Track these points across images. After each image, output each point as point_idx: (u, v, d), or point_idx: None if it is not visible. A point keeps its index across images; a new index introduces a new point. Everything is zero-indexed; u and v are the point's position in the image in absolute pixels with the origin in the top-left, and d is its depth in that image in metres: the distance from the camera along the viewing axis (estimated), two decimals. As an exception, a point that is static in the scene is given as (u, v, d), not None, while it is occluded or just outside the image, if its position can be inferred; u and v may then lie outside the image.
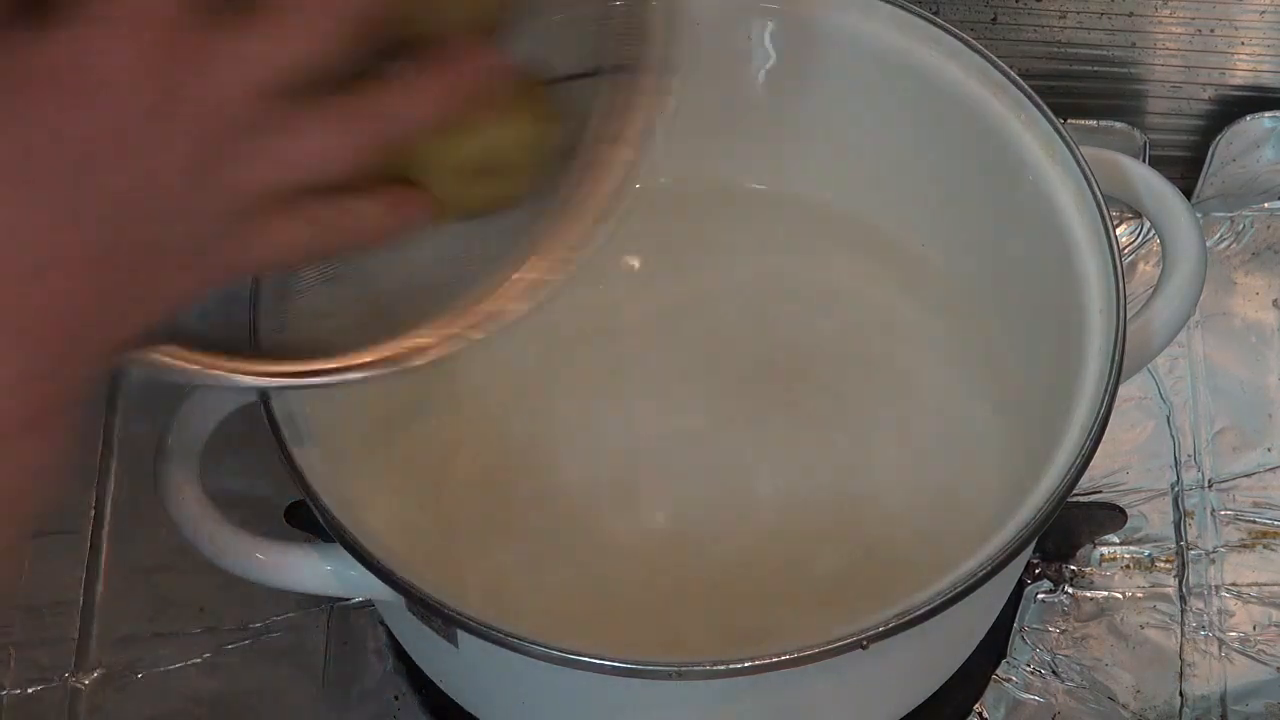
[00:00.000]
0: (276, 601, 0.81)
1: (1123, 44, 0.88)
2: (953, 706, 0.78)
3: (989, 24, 0.87)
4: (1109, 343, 0.66)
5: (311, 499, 0.63)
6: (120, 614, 0.81)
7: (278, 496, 0.82)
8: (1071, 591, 0.81)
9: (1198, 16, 0.86)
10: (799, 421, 0.78)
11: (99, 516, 0.83)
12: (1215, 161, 0.88)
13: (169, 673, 0.80)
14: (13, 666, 0.80)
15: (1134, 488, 0.84)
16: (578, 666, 0.60)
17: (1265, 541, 0.83)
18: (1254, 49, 0.88)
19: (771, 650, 0.60)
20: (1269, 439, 0.85)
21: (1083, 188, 0.69)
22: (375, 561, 0.62)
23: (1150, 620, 0.81)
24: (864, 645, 0.60)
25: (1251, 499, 0.84)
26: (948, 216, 0.79)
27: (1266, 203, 0.90)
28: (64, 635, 0.80)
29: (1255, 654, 0.80)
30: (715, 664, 0.60)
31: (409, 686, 0.79)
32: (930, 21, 0.73)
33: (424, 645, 0.72)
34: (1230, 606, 0.81)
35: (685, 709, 0.67)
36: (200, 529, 0.64)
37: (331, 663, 0.80)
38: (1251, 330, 0.88)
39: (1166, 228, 0.71)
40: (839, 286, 0.81)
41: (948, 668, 0.74)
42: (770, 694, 0.64)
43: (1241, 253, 0.90)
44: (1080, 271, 0.68)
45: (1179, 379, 0.86)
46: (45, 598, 0.81)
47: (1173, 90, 0.90)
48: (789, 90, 0.78)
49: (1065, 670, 0.79)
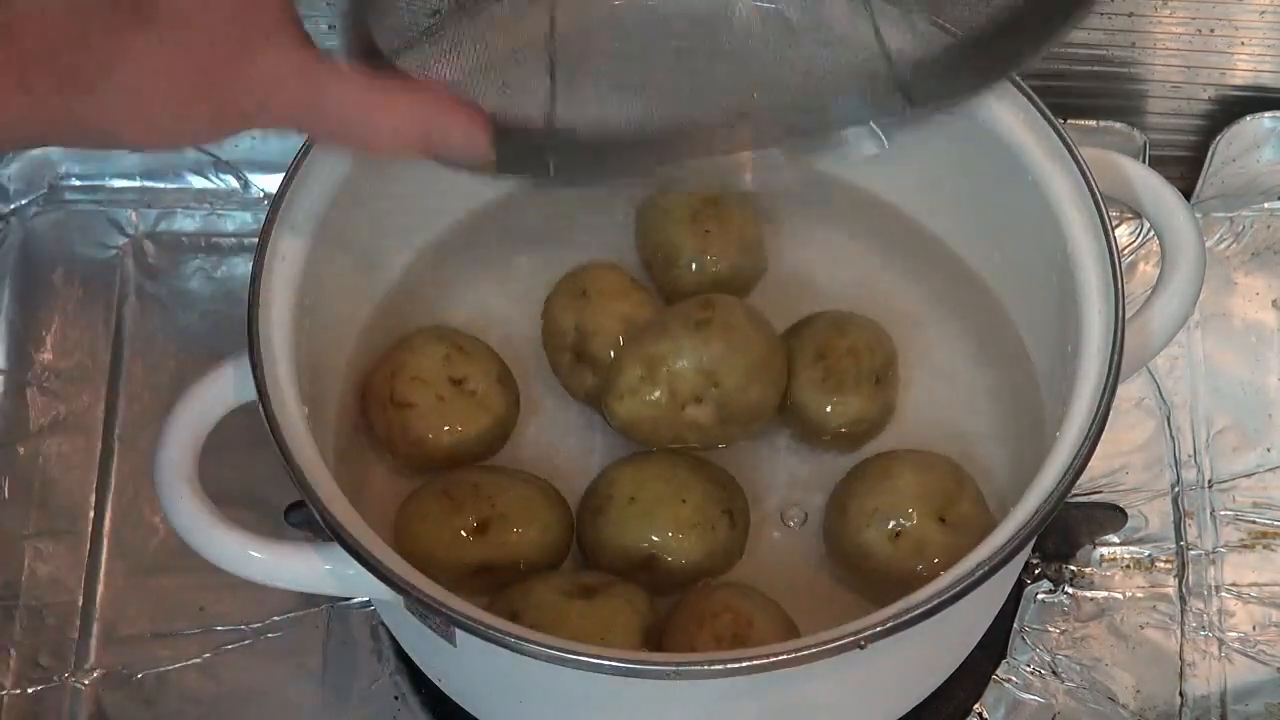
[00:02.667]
0: (276, 601, 0.81)
1: (1123, 44, 0.88)
2: (953, 706, 0.78)
3: (989, 24, 0.87)
4: (1108, 342, 0.66)
5: (311, 499, 0.63)
6: (120, 614, 0.81)
7: (278, 496, 0.82)
8: (1071, 591, 0.81)
9: (1198, 16, 0.86)
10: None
11: (99, 516, 0.83)
12: (1215, 161, 0.88)
13: (169, 673, 0.80)
14: (13, 666, 0.80)
15: (1134, 488, 0.84)
16: (577, 666, 0.60)
17: (1265, 541, 0.83)
18: (1254, 49, 0.88)
19: (770, 650, 0.60)
20: (1269, 439, 0.85)
21: (1083, 188, 0.69)
22: (375, 561, 0.62)
23: (1150, 620, 0.81)
24: (862, 645, 0.60)
25: (1251, 499, 0.84)
26: (946, 216, 0.79)
27: (1266, 203, 0.90)
28: (64, 635, 0.80)
29: (1255, 654, 0.80)
30: (714, 664, 0.60)
31: (409, 686, 0.79)
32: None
33: (424, 645, 0.72)
34: (1230, 606, 0.81)
35: (684, 709, 0.67)
36: (199, 529, 0.64)
37: (331, 663, 0.80)
38: (1251, 330, 0.88)
39: (1166, 228, 0.71)
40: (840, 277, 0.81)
41: (947, 668, 0.73)
42: (769, 694, 0.64)
43: (1241, 253, 0.90)
44: (1079, 271, 0.68)
45: (1179, 379, 0.86)
46: (45, 598, 0.81)
47: (1173, 90, 0.89)
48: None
49: (1065, 670, 0.79)
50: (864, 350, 0.75)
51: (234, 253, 0.90)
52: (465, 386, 0.75)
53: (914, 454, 0.74)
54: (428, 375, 0.74)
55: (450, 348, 0.75)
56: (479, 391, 0.75)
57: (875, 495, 0.72)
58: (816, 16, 0.66)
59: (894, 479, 0.72)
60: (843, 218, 0.82)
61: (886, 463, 0.74)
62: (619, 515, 0.72)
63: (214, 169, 0.92)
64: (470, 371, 0.75)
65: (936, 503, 0.71)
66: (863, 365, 0.75)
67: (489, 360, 0.76)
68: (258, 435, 0.64)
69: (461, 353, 0.75)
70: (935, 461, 0.73)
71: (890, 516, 0.71)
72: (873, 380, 0.75)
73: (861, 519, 0.72)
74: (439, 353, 0.75)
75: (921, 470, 0.73)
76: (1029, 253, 0.72)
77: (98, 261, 0.90)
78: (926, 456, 0.74)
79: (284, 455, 0.64)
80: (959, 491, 0.72)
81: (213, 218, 0.92)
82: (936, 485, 0.72)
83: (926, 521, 0.71)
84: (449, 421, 0.74)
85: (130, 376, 0.86)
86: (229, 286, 0.89)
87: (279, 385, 0.66)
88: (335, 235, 0.71)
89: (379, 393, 0.75)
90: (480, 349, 0.76)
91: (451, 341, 0.76)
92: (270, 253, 0.68)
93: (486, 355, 0.76)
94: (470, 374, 0.75)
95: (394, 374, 0.75)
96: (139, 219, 0.91)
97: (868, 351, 0.75)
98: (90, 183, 0.92)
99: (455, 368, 0.75)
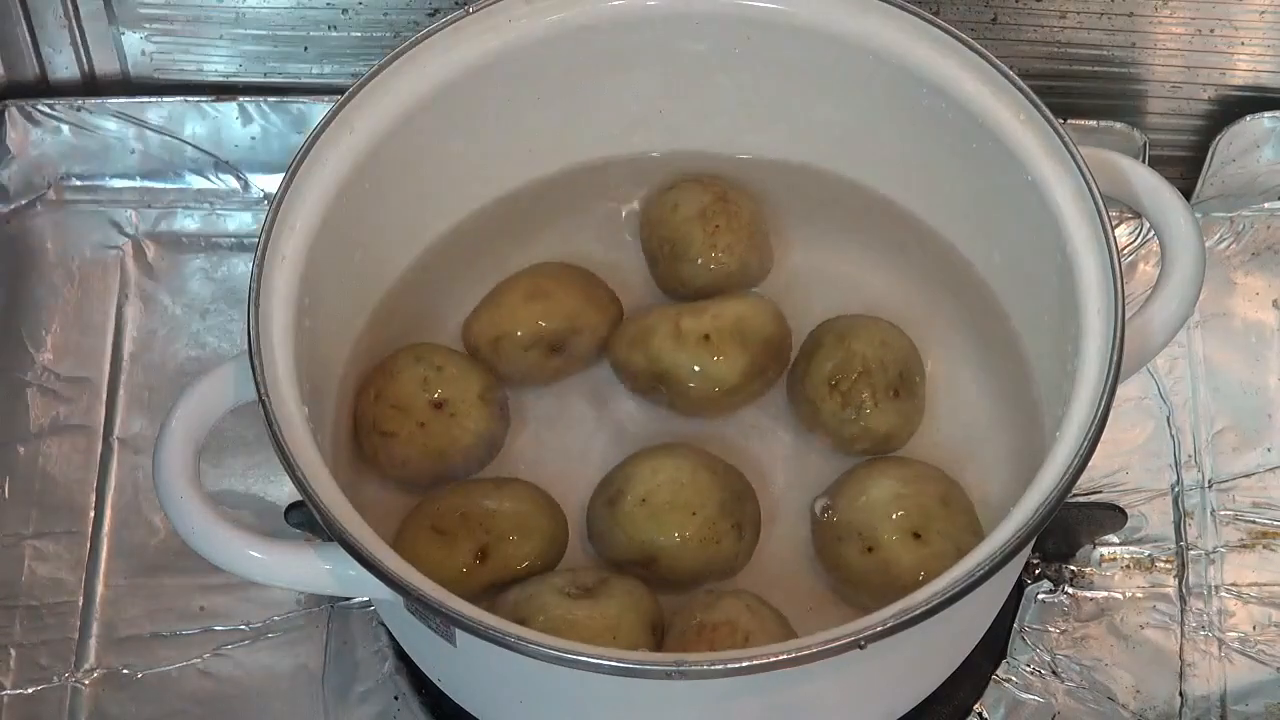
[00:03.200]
0: (276, 601, 0.81)
1: (1123, 44, 0.88)
2: (953, 706, 0.78)
3: (989, 24, 0.87)
4: (1108, 343, 0.66)
5: (311, 499, 0.63)
6: (120, 614, 0.81)
7: (278, 496, 0.82)
8: (1071, 591, 0.81)
9: (1198, 16, 0.86)
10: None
11: (99, 516, 0.83)
12: (1215, 161, 0.88)
13: (169, 673, 0.80)
14: (13, 666, 0.80)
15: (1134, 488, 0.84)
16: (577, 666, 0.60)
17: (1265, 541, 0.83)
18: (1254, 49, 0.88)
19: (770, 650, 0.60)
20: (1269, 439, 0.85)
21: (1082, 188, 0.69)
22: (374, 561, 0.62)
23: (1150, 620, 0.81)
24: (861, 645, 0.60)
25: (1251, 499, 0.84)
26: (946, 216, 0.79)
27: (1266, 203, 0.90)
28: (64, 635, 0.80)
29: (1255, 654, 0.80)
30: (714, 664, 0.60)
31: (409, 686, 0.79)
32: (930, 22, 0.73)
33: (424, 645, 0.72)
34: (1230, 606, 0.81)
35: (684, 709, 0.67)
36: (200, 529, 0.64)
37: (331, 663, 0.80)
38: (1251, 330, 0.88)
39: (1165, 228, 0.71)
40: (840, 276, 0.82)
41: (947, 668, 0.73)
42: (769, 694, 0.64)
43: (1241, 253, 0.90)
44: (1079, 271, 0.68)
45: (1179, 379, 0.86)
46: (45, 598, 0.81)
47: (1173, 90, 0.90)
48: (785, 89, 0.78)
49: (1065, 670, 0.79)
50: (876, 368, 0.75)
51: (234, 253, 0.90)
52: (445, 410, 0.75)
53: (902, 463, 0.74)
54: (406, 402, 0.75)
55: (429, 370, 0.75)
56: (459, 413, 0.75)
57: (851, 507, 0.73)
58: None
59: (870, 492, 0.73)
60: (843, 217, 0.82)
61: (870, 472, 0.74)
62: (629, 513, 0.72)
63: (214, 169, 0.92)
64: (450, 393, 0.75)
65: (912, 520, 0.71)
66: (876, 382, 0.75)
67: (470, 377, 0.76)
68: (258, 435, 0.64)
69: (440, 374, 0.75)
70: (921, 474, 0.73)
71: (862, 531, 0.72)
72: (890, 395, 0.75)
73: (838, 529, 0.72)
74: (417, 376, 0.75)
75: (904, 483, 0.73)
76: (1029, 253, 0.72)
77: (98, 261, 0.90)
78: (914, 467, 0.74)
79: (284, 455, 0.64)
80: (942, 507, 0.72)
81: (213, 218, 0.92)
82: (915, 502, 0.72)
83: (900, 539, 0.71)
84: (431, 447, 0.75)
85: (130, 376, 0.86)
86: (229, 286, 0.89)
87: (279, 385, 0.66)
88: (335, 235, 0.71)
89: (364, 418, 0.75)
90: (461, 365, 0.76)
91: (430, 363, 0.76)
92: (270, 253, 0.68)
93: (467, 372, 0.76)
94: (450, 395, 0.75)
95: (376, 399, 0.75)
96: (139, 219, 0.91)
97: (880, 369, 0.75)
98: (90, 183, 0.92)
99: (434, 390, 0.75)
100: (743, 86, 0.79)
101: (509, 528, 0.72)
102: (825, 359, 0.76)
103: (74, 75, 0.92)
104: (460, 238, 0.80)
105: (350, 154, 0.71)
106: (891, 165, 0.80)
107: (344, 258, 0.73)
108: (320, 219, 0.70)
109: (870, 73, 0.75)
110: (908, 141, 0.77)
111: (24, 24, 0.90)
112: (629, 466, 0.74)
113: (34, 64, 0.92)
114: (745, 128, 0.81)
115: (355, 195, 0.72)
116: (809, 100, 0.79)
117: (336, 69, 0.91)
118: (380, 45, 0.89)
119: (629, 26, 0.76)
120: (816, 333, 0.78)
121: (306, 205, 0.70)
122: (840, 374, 0.75)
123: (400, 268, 0.79)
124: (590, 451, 0.78)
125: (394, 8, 0.88)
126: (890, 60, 0.74)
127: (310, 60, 0.91)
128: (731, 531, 0.72)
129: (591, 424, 0.79)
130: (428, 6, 0.88)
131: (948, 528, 0.72)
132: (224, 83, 0.92)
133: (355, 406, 0.76)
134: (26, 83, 0.92)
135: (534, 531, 0.73)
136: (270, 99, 0.90)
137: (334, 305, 0.73)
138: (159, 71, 0.93)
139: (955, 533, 0.72)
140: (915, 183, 0.79)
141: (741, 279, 0.79)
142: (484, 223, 0.81)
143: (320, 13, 0.89)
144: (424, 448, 0.74)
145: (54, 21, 0.90)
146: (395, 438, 0.74)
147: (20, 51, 0.91)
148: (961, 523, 0.72)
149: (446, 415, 0.75)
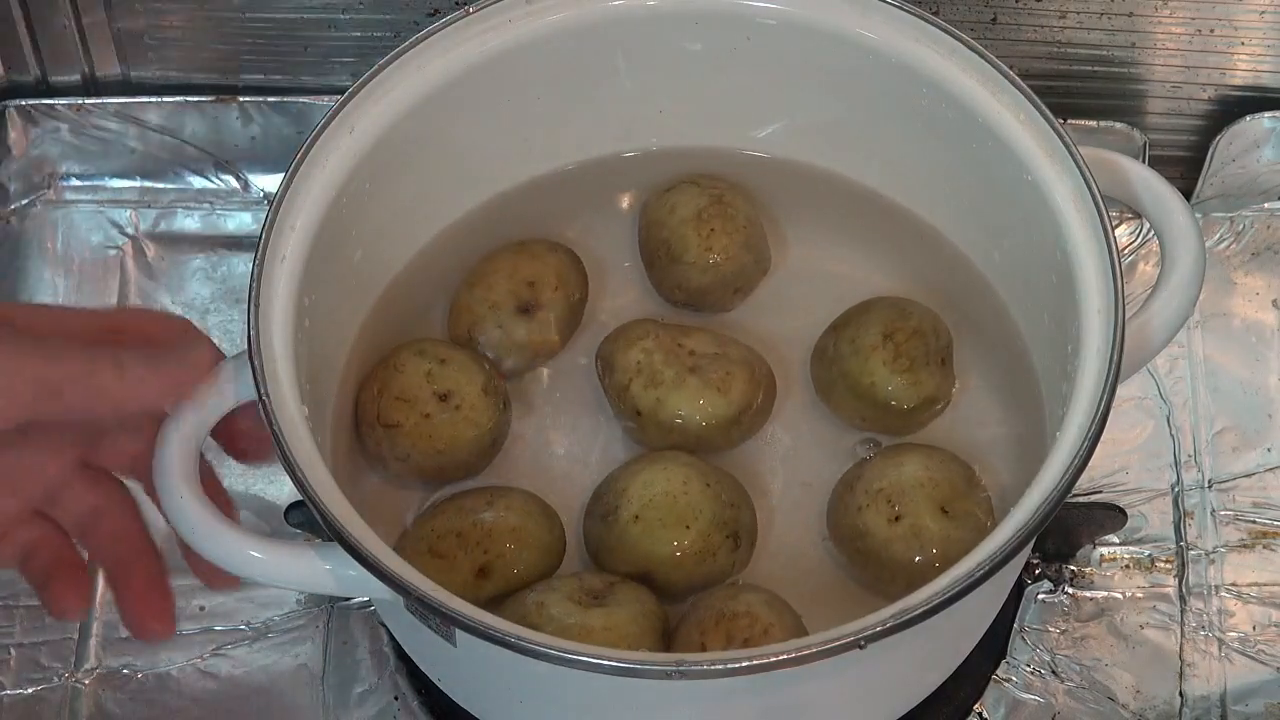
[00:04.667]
0: (276, 602, 0.81)
1: (1123, 44, 0.88)
2: (953, 706, 0.78)
3: (989, 24, 0.87)
4: (1107, 343, 0.66)
5: (311, 499, 0.63)
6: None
7: (277, 496, 0.82)
8: (1071, 591, 0.81)
9: (1198, 16, 0.86)
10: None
11: (99, 516, 0.83)
12: (1215, 161, 0.88)
13: (169, 673, 0.80)
14: (13, 666, 0.80)
15: (1134, 488, 0.84)
16: (577, 666, 0.60)
17: (1265, 541, 0.83)
18: (1254, 49, 0.88)
19: (770, 650, 0.60)
20: (1269, 439, 0.85)
21: (1082, 188, 0.69)
22: (374, 562, 0.62)
23: (1150, 620, 0.81)
24: (861, 645, 0.60)
25: (1251, 499, 0.84)
26: (946, 215, 0.79)
27: (1266, 203, 0.90)
28: (64, 635, 0.80)
29: (1255, 654, 0.80)
30: (714, 664, 0.60)
31: (409, 686, 0.79)
32: (929, 22, 0.73)
33: (424, 645, 0.72)
34: (1230, 606, 0.81)
35: (684, 709, 0.67)
36: (199, 529, 0.64)
37: (331, 663, 0.80)
38: (1251, 330, 0.88)
39: (1165, 228, 0.71)
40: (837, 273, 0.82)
41: (947, 667, 0.73)
42: (769, 693, 0.64)
43: (1241, 253, 0.90)
44: (1079, 271, 0.68)
45: (1179, 379, 0.86)
46: (45, 598, 0.81)
47: (1173, 90, 0.90)
48: (784, 88, 0.78)
49: (1065, 670, 0.79)
50: (929, 331, 0.76)
51: (234, 253, 0.90)
52: (450, 401, 0.75)
53: (929, 447, 0.74)
54: (411, 394, 0.74)
55: (433, 363, 0.75)
56: (464, 405, 0.75)
57: (881, 478, 0.72)
58: None
59: (902, 466, 0.73)
60: (843, 216, 0.82)
61: (899, 451, 0.74)
62: (622, 531, 0.72)
63: (214, 169, 0.92)
64: (454, 386, 0.75)
65: (941, 493, 0.71)
66: (930, 345, 0.76)
67: (474, 371, 0.76)
68: (258, 435, 0.64)
69: (444, 366, 0.75)
70: (947, 458, 0.74)
71: (892, 499, 0.72)
72: (939, 361, 0.76)
73: (864, 498, 0.72)
74: (422, 369, 0.75)
75: (932, 462, 0.73)
76: (1029, 253, 0.72)
77: (98, 261, 0.90)
78: (940, 452, 0.74)
79: (284, 455, 0.64)
80: (966, 489, 0.72)
81: (213, 218, 0.92)
82: (944, 477, 0.72)
83: (927, 510, 0.71)
84: (436, 439, 0.74)
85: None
86: (229, 286, 0.89)
87: (279, 385, 0.65)
88: (335, 235, 0.71)
89: (366, 412, 0.75)
90: (464, 360, 0.76)
91: (434, 356, 0.75)
92: (270, 253, 0.68)
93: (471, 366, 0.76)
94: (454, 388, 0.75)
95: (379, 393, 0.75)
96: (139, 219, 0.91)
97: (933, 333, 0.76)
98: (90, 183, 0.92)
99: (439, 383, 0.75)
100: (742, 85, 0.79)
101: (508, 544, 0.72)
102: (878, 318, 0.76)
103: (74, 75, 0.92)
104: (460, 237, 0.80)
105: (350, 154, 0.71)
106: (891, 165, 0.80)
107: (344, 258, 0.73)
108: (320, 219, 0.70)
109: (870, 72, 0.75)
110: (908, 141, 0.77)
111: (24, 24, 0.90)
112: (622, 479, 0.74)
113: (34, 64, 0.92)
114: (745, 127, 0.81)
115: (355, 195, 0.72)
116: (808, 99, 0.79)
117: (336, 69, 0.91)
118: (380, 45, 0.89)
119: (629, 26, 0.76)
120: (864, 304, 0.78)
121: (306, 205, 0.70)
122: (897, 328, 0.76)
123: (400, 267, 0.79)
124: (590, 452, 0.78)
125: (394, 8, 0.88)
126: (890, 60, 0.74)
127: (310, 60, 0.91)
128: (726, 543, 0.72)
129: (592, 424, 0.79)
130: (428, 6, 0.88)
131: (973, 508, 0.72)
132: (224, 83, 0.92)
133: (356, 403, 0.76)
134: (26, 83, 0.92)
135: (532, 545, 0.73)
136: (270, 99, 0.90)
137: (334, 305, 0.73)
138: (159, 71, 0.93)
139: (980, 515, 0.72)
140: (915, 182, 0.79)
141: (737, 281, 0.79)
142: (484, 222, 0.81)
143: (320, 13, 0.89)
144: (429, 439, 0.74)
145: (54, 21, 0.90)
146: (400, 429, 0.74)
147: (20, 51, 0.91)
148: (985, 507, 0.73)
149: (451, 407, 0.75)
